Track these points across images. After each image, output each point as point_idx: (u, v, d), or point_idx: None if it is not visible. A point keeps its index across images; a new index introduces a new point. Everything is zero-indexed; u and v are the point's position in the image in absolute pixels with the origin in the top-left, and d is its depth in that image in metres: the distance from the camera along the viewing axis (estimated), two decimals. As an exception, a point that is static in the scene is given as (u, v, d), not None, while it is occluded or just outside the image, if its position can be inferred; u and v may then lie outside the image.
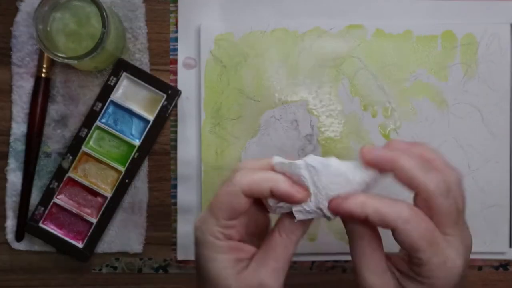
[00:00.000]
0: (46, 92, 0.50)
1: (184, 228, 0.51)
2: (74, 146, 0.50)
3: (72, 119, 0.51)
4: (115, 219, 0.51)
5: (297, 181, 0.32)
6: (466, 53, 0.51)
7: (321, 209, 0.32)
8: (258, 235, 0.36)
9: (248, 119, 0.51)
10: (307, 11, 0.51)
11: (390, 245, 0.35)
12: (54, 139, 0.51)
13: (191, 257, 0.52)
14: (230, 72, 0.51)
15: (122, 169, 0.50)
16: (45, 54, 0.48)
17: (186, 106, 0.51)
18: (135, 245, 0.51)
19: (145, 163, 0.51)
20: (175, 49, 0.51)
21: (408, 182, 0.32)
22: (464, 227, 0.33)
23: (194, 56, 0.51)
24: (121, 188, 0.50)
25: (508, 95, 0.51)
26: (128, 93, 0.51)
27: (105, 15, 0.44)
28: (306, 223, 0.34)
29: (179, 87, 0.51)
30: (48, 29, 0.46)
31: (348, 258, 0.52)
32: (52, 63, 0.50)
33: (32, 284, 0.52)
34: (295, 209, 0.33)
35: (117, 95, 0.51)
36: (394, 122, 0.51)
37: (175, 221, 0.51)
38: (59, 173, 0.50)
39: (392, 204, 0.31)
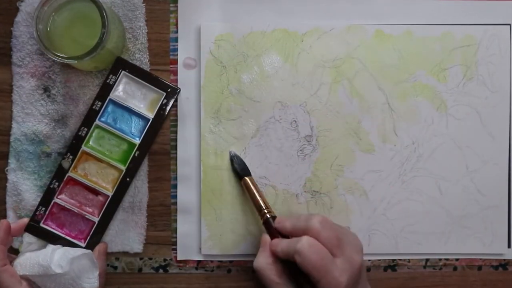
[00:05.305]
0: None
1: (184, 228, 0.51)
2: (74, 145, 0.50)
3: (72, 119, 0.51)
4: (116, 219, 0.51)
5: None
6: (466, 54, 0.51)
7: None
8: None
9: (247, 119, 0.51)
10: (307, 12, 0.51)
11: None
12: (54, 139, 0.51)
13: (191, 257, 0.52)
14: (230, 72, 0.51)
15: (123, 167, 0.50)
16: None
17: (186, 106, 0.51)
18: (135, 244, 0.51)
19: (145, 163, 0.51)
20: (175, 49, 0.51)
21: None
22: (349, 248, 0.41)
23: (194, 56, 0.51)
24: (122, 187, 0.51)
25: (507, 97, 0.51)
26: (127, 91, 0.51)
27: (105, 15, 0.44)
28: None
29: (179, 87, 0.51)
30: (48, 29, 0.46)
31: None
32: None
33: (32, 283, 0.52)
34: None
35: (116, 93, 0.51)
36: (393, 123, 0.51)
37: (175, 221, 0.52)
38: (60, 173, 0.50)
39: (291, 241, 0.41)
